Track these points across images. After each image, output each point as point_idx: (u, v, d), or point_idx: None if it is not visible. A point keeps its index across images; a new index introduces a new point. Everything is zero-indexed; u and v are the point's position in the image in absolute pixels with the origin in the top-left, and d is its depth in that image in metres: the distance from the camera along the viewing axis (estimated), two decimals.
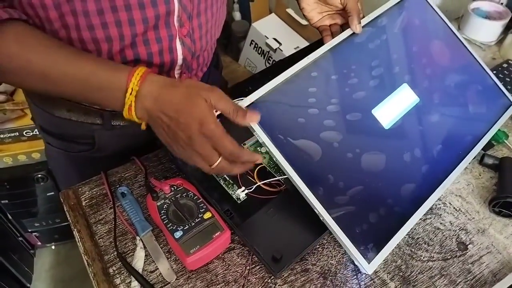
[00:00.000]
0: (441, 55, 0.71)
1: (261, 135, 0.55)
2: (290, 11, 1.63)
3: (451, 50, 0.72)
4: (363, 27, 0.66)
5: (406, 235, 0.60)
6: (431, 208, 0.63)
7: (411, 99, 0.65)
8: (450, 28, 0.73)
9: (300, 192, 0.55)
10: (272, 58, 1.62)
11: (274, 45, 1.58)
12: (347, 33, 0.65)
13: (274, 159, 0.56)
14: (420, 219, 0.60)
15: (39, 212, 1.32)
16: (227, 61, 1.62)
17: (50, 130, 0.70)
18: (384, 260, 0.56)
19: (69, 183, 0.65)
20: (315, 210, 0.55)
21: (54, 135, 0.70)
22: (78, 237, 0.59)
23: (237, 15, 1.91)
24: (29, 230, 1.38)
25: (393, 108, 0.63)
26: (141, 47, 0.57)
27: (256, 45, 1.67)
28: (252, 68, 1.72)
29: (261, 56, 1.66)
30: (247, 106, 0.55)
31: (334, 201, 0.56)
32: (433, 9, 0.73)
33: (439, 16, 0.73)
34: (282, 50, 1.56)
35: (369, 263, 0.54)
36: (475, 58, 0.73)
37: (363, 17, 0.67)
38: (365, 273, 0.56)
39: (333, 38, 0.65)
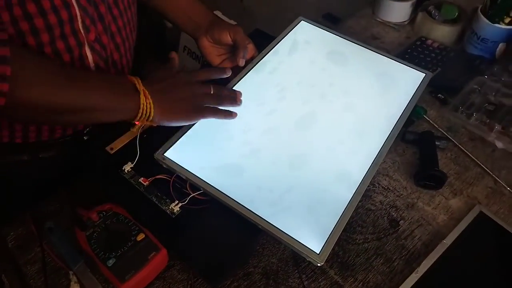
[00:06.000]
0: (339, 59, 0.77)
1: (183, 172, 0.60)
2: (218, 13, 1.63)
3: (349, 53, 0.78)
4: (261, 59, 0.74)
5: None
6: None
7: (317, 103, 0.70)
8: (344, 38, 0.81)
9: (234, 210, 0.57)
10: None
11: None
12: (246, 69, 0.72)
13: (202, 189, 0.59)
14: None
15: None
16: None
17: None
18: None
19: None
20: (252, 222, 0.56)
21: None
22: (7, 282, 0.56)
23: (169, 23, 1.88)
24: None
25: (303, 113, 0.68)
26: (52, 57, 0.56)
27: (190, 50, 1.65)
28: None
29: (196, 61, 1.64)
30: (164, 153, 0.62)
31: (269, 207, 0.57)
32: (323, 29, 0.82)
33: (331, 33, 0.82)
34: None
35: (319, 254, 0.53)
36: (377, 52, 0.79)
37: (256, 54, 0.75)
38: (315, 265, 0.55)
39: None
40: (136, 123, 0.63)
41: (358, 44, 0.79)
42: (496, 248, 0.60)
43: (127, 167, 0.64)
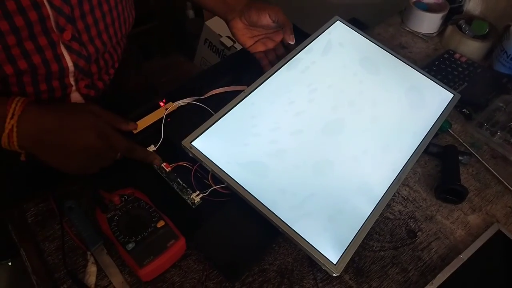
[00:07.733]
0: (371, 67, 0.76)
1: (208, 164, 0.59)
2: None
3: (381, 62, 0.77)
4: (295, 55, 0.72)
5: None
6: None
7: (346, 110, 0.69)
8: (377, 45, 0.79)
9: (255, 209, 0.57)
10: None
11: (228, 43, 1.57)
12: (279, 65, 0.71)
13: (226, 184, 0.59)
14: None
15: None
16: (182, 60, 1.60)
17: None
18: None
19: None
20: (272, 223, 0.56)
21: None
22: (25, 256, 0.56)
23: (190, 13, 1.88)
24: None
25: (331, 119, 0.68)
26: (21, 60, 0.54)
27: (211, 44, 1.65)
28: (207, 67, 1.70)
29: (216, 54, 1.64)
30: (192, 142, 0.61)
31: (290, 211, 0.57)
32: (357, 32, 0.80)
33: (364, 37, 0.80)
34: (236, 48, 1.55)
35: (335, 264, 0.54)
36: (408, 64, 0.78)
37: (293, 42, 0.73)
38: (331, 275, 0.55)
39: (271, 66, 0.71)
40: None
41: (390, 53, 0.78)
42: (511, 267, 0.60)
43: (150, 150, 0.64)
